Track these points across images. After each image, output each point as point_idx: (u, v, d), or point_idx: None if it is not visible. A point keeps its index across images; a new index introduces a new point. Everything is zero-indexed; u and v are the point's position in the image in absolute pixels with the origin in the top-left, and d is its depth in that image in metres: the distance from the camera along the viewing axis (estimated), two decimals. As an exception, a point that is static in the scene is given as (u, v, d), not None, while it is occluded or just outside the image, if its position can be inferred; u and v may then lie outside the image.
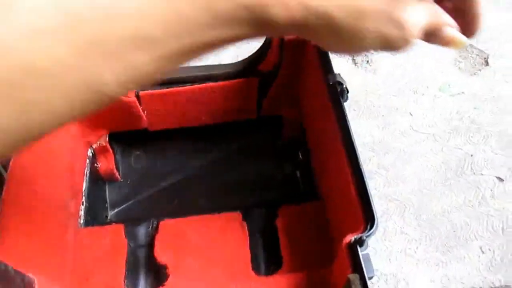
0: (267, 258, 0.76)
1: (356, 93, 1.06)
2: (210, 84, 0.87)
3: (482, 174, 0.81)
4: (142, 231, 0.82)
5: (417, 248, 0.74)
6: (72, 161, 0.85)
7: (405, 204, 0.79)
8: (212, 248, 0.74)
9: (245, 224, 0.77)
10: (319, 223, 0.76)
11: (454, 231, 0.74)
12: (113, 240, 0.77)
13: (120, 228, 0.79)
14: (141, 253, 0.79)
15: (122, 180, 0.97)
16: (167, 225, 0.78)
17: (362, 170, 0.59)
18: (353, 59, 1.18)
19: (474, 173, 0.81)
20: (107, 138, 0.93)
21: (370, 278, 0.51)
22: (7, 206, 0.62)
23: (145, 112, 0.90)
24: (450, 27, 0.29)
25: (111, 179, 0.95)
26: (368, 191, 0.57)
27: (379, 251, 0.75)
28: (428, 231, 0.75)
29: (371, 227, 0.53)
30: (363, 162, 0.90)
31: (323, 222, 0.76)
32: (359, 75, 1.13)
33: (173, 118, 0.92)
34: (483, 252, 0.71)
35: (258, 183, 0.91)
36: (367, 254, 0.52)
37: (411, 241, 0.75)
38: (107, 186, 0.96)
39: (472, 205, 0.77)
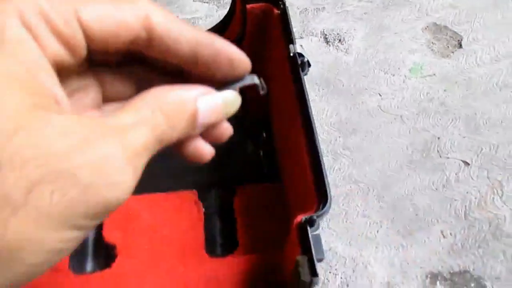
0: (223, 240, 0.73)
1: (327, 72, 1.03)
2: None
3: (448, 158, 0.79)
4: (93, 210, 0.77)
5: (377, 231, 0.71)
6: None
7: (369, 186, 0.76)
8: (164, 228, 0.70)
9: (200, 203, 0.73)
10: (278, 205, 0.73)
11: (416, 215, 0.72)
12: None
13: (67, 205, 0.75)
14: (90, 233, 0.75)
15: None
16: (118, 203, 0.74)
17: (318, 148, 0.55)
18: (325, 37, 1.14)
19: (440, 156, 0.79)
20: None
21: (320, 260, 0.48)
22: None
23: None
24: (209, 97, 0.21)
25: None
26: (323, 170, 0.54)
27: (340, 233, 0.73)
28: (390, 214, 0.72)
29: (323, 207, 0.50)
30: (328, 142, 0.87)
31: (283, 204, 0.73)
32: (330, 53, 1.09)
33: (131, 91, 0.87)
34: (444, 237, 0.69)
35: (218, 161, 0.86)
36: (318, 235, 0.49)
37: (372, 224, 0.72)
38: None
39: (436, 188, 0.75)
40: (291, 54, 0.63)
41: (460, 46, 1.02)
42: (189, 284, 0.58)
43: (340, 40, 1.13)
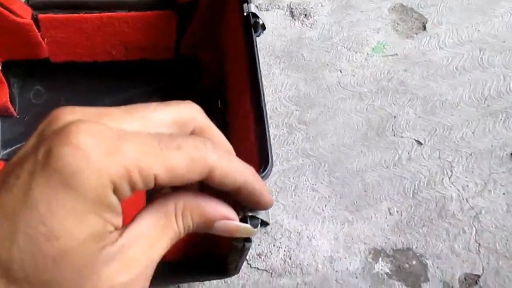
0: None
1: (289, 45, 1.00)
2: (121, 13, 0.77)
3: (402, 136, 0.78)
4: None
5: (325, 206, 0.69)
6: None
7: (321, 161, 0.74)
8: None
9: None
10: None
11: (365, 191, 0.71)
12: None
13: (-1, 164, 0.70)
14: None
15: (18, 116, 0.86)
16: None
17: (264, 112, 0.52)
18: (291, 11, 1.11)
19: (394, 135, 0.78)
20: (0, 66, 0.81)
21: (254, 226, 0.46)
22: None
23: (46, 39, 0.79)
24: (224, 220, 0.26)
25: (4, 114, 0.84)
26: (267, 134, 0.51)
27: (287, 207, 0.71)
28: (340, 189, 0.71)
29: (264, 171, 0.47)
30: (285, 116, 0.85)
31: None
32: (295, 27, 1.06)
33: (79, 49, 0.82)
34: (390, 214, 0.68)
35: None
36: (255, 200, 0.46)
37: (321, 198, 0.70)
38: (-1, 122, 0.85)
39: (387, 166, 0.74)
40: (245, 14, 0.60)
41: (424, 28, 1.01)
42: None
43: (306, 15, 1.10)
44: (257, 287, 0.63)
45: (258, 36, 0.59)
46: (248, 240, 0.44)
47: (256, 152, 0.51)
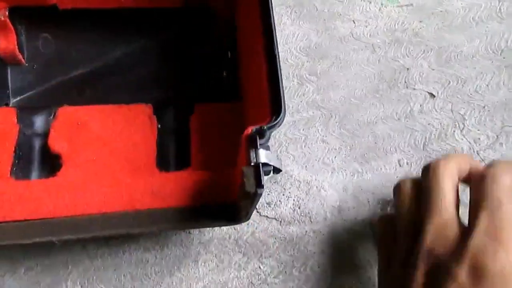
0: (176, 158, 0.70)
1: (301, -5, 0.97)
2: (129, -43, 0.75)
3: (414, 89, 0.77)
4: (40, 119, 0.73)
5: (335, 157, 0.70)
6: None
7: (331, 112, 0.74)
8: (114, 141, 0.67)
9: (154, 118, 0.70)
10: (236, 126, 0.71)
11: (375, 143, 0.71)
12: (0, 124, 0.68)
13: (11, 112, 0.70)
14: (38, 142, 0.71)
15: (27, 64, 0.85)
16: (66, 112, 0.70)
17: (277, 58, 0.52)
18: (304, -42, 1.07)
19: (407, 87, 0.77)
20: (7, 12, 0.80)
21: (267, 173, 0.46)
22: None
23: (52, -16, 0.77)
24: None
25: (13, 62, 0.84)
26: (280, 81, 0.51)
27: (297, 158, 0.71)
28: (350, 141, 0.71)
29: (277, 118, 0.47)
30: (295, 67, 0.83)
31: (241, 125, 0.70)
32: (307, -24, 1.02)
33: (86, -5, 0.80)
34: (400, 165, 0.69)
35: (178, 78, 0.82)
36: (268, 146, 0.47)
37: (330, 150, 0.71)
38: (9, 70, 0.84)
39: (398, 118, 0.73)
40: (258, -44, 0.57)
41: (442, -23, 0.97)
42: (135, 195, 0.56)
43: (319, -37, 1.06)
44: (266, 234, 0.64)
45: (272, -20, 0.57)
46: (260, 185, 0.45)
47: (268, 101, 0.51)
